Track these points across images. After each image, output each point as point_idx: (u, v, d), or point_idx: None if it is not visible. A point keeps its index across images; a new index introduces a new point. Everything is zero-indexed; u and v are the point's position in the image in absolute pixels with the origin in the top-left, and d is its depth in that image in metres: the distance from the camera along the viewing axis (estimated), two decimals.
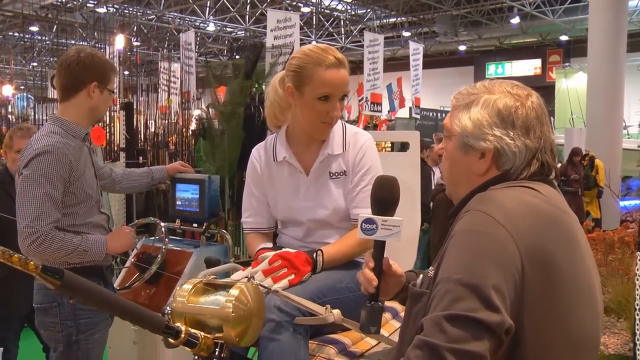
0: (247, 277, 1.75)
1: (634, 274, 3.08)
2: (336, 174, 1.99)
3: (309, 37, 20.61)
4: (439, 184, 4.49)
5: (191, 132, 8.37)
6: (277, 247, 1.91)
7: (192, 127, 8.96)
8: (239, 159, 5.55)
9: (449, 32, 20.24)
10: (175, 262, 2.88)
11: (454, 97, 1.43)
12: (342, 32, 21.45)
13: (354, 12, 19.88)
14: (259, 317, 1.46)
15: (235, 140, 5.56)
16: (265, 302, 1.50)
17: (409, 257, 2.31)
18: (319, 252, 1.86)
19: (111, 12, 16.29)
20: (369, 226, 1.46)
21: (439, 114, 18.62)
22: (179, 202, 3.09)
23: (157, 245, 2.84)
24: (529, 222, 1.20)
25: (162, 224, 2.89)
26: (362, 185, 1.96)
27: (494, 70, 24.12)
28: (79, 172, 2.21)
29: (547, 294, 1.18)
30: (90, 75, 2.25)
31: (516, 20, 18.85)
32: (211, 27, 20.18)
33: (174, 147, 8.69)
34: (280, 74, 2.03)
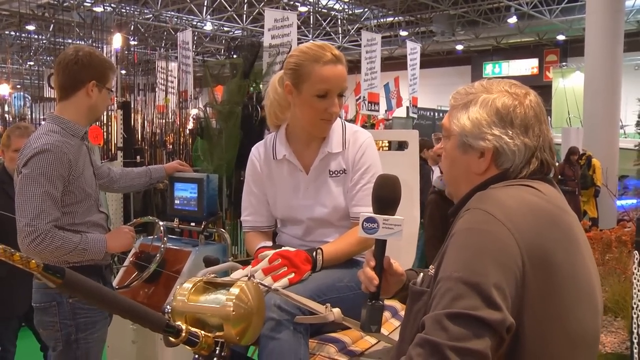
0: (246, 275, 1.75)
1: (630, 273, 3.09)
2: (336, 172, 1.99)
3: (307, 36, 20.60)
4: (432, 187, 4.52)
5: (188, 131, 8.35)
6: (276, 246, 1.91)
7: (190, 126, 8.95)
8: (236, 158, 5.56)
9: (446, 32, 20.26)
10: (173, 261, 2.88)
11: (452, 96, 1.43)
12: (340, 32, 21.45)
13: (351, 12, 19.88)
14: (259, 315, 1.46)
15: (233, 139, 5.56)
16: (265, 300, 1.50)
17: (408, 256, 2.31)
18: (319, 250, 1.85)
19: (108, 11, 16.26)
20: (370, 225, 1.46)
21: (436, 114, 18.64)
22: (177, 201, 3.08)
23: (155, 244, 2.83)
24: (529, 221, 1.20)
25: (161, 222, 2.88)
26: (361, 183, 1.96)
27: (491, 69, 24.14)
28: (78, 170, 2.20)
29: (547, 292, 1.18)
30: (88, 74, 2.25)
31: (513, 19, 18.87)
32: (208, 27, 20.17)
33: (171, 146, 8.66)
34: (280, 72, 2.02)
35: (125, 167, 6.31)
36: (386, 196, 1.48)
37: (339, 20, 20.83)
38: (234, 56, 6.40)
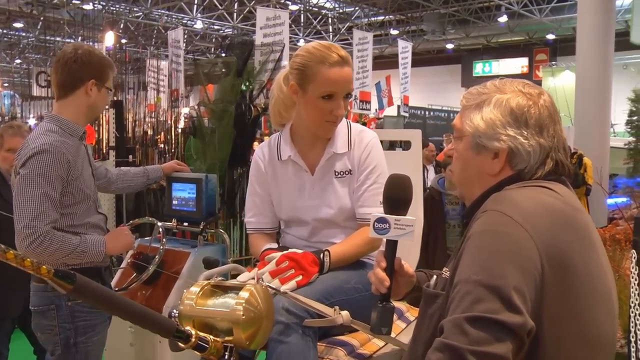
0: (253, 278, 1.72)
1: (625, 272, 3.10)
2: (341, 173, 1.96)
3: (297, 35, 20.57)
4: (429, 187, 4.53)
5: (180, 130, 8.30)
6: (283, 248, 1.87)
7: (181, 125, 8.89)
8: (229, 157, 5.53)
9: (437, 31, 20.28)
10: (172, 262, 2.85)
11: (463, 97, 1.41)
12: (330, 30, 21.42)
13: (342, 10, 19.86)
14: (268, 319, 1.44)
15: (226, 138, 5.53)
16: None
17: (413, 256, 2.28)
18: (326, 252, 1.83)
19: (98, 9, 16.13)
20: (381, 225, 1.44)
21: (426, 112, 18.70)
22: (175, 202, 3.05)
23: (154, 245, 2.80)
24: (546, 222, 1.19)
25: (159, 223, 2.85)
26: (367, 184, 1.94)
27: (481, 68, 24.19)
28: (77, 171, 2.16)
29: (564, 294, 1.16)
30: (88, 72, 2.20)
31: (504, 18, 18.93)
32: (199, 25, 20.06)
33: (162, 145, 8.61)
34: (285, 70, 1.99)
35: (117, 166, 6.28)
36: (398, 196, 1.47)
37: (330, 18, 20.80)
38: (225, 55, 6.38)
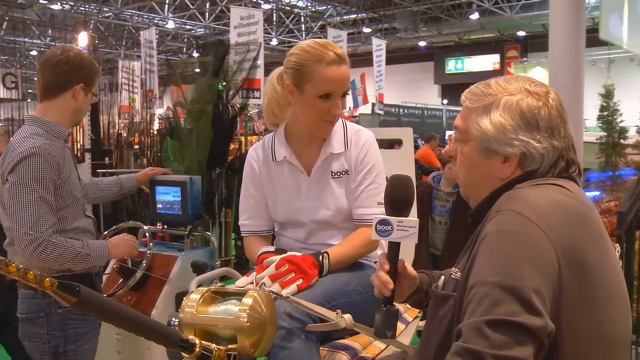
0: (252, 283, 1.67)
1: None
2: (338, 173, 1.92)
3: (270, 34, 20.47)
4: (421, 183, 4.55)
5: (156, 131, 8.19)
6: (281, 251, 1.82)
7: (156, 126, 8.77)
8: (207, 158, 5.45)
9: (409, 28, 20.39)
10: (159, 266, 2.79)
11: (465, 97, 1.37)
12: (303, 29, 21.36)
13: (314, 9, 19.82)
14: (272, 325, 1.40)
15: (203, 138, 5.45)
16: None
17: (408, 256, 2.26)
18: (325, 254, 1.78)
19: (66, 9, 15.84)
20: (384, 227, 1.41)
21: (401, 110, 18.75)
22: (159, 205, 2.98)
23: (141, 250, 2.73)
24: (561, 221, 1.17)
25: (146, 227, 2.78)
26: (365, 184, 1.90)
27: (453, 65, 24.38)
28: (66, 174, 2.09)
29: (581, 294, 1.14)
30: (78, 76, 2.14)
31: (475, 16, 19.09)
32: (170, 25, 19.84)
33: (137, 146, 8.48)
34: (278, 70, 1.94)
35: (93, 168, 6.17)
36: (400, 197, 1.43)
37: (302, 17, 20.75)
38: (196, 55, 6.31)
